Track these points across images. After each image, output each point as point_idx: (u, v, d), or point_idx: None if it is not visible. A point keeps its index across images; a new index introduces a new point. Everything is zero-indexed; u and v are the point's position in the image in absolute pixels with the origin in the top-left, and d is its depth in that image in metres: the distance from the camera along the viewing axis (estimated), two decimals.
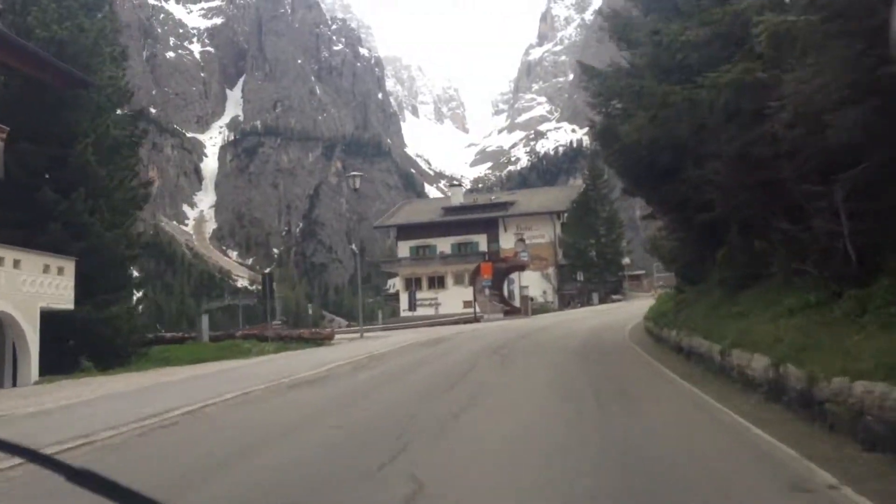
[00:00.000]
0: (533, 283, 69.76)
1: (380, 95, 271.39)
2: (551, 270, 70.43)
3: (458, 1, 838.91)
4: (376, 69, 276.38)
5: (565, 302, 68.71)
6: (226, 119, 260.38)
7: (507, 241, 73.24)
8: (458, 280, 69.41)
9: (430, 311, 69.51)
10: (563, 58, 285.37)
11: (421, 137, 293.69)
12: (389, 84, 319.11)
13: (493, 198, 73.26)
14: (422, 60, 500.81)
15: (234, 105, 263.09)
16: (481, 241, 71.26)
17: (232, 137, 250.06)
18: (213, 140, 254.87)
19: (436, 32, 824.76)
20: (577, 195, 71.16)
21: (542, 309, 67.53)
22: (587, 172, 73.47)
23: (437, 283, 70.83)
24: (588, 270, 67.07)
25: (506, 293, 59.50)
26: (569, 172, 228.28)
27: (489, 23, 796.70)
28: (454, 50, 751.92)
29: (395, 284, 74.96)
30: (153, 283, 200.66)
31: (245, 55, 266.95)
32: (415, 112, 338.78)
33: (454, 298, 70.92)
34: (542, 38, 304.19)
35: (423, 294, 72.06)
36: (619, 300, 64.55)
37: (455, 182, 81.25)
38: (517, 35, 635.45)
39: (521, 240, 55.27)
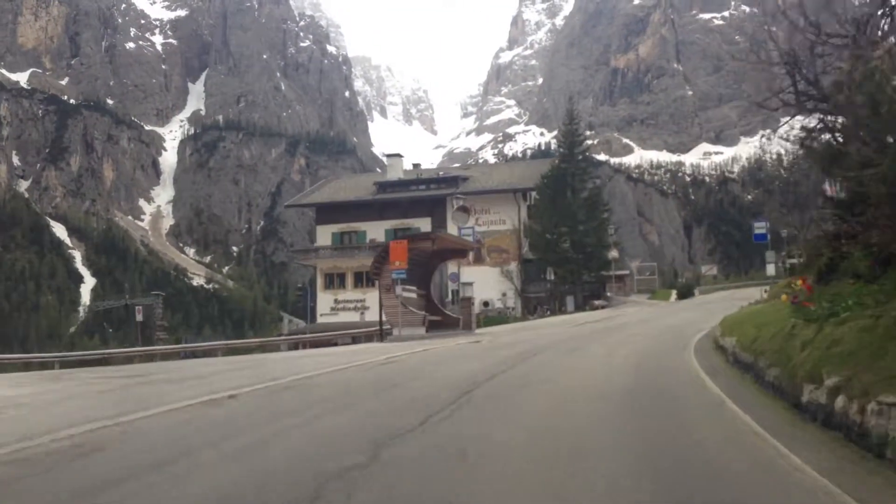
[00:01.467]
0: (489, 281, 54.58)
1: (347, 94, 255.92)
2: (514, 267, 55.14)
3: (429, 3, 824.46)
4: (344, 67, 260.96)
5: (531, 308, 54.20)
6: (187, 113, 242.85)
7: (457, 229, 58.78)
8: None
9: (354, 317, 54.59)
10: (533, 62, 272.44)
11: (389, 138, 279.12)
12: (358, 84, 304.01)
13: (440, 172, 58.83)
14: (391, 61, 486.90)
15: (195, 99, 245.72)
16: (424, 226, 56.02)
17: (192, 131, 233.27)
18: (172, 134, 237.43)
19: (406, 34, 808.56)
20: (548, 169, 56.54)
21: (498, 319, 52.64)
22: (561, 138, 58.44)
23: (366, 280, 56.19)
24: (562, 267, 52.46)
25: (439, 293, 44.69)
26: None
27: (460, 25, 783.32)
28: (424, 52, 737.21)
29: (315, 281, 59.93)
30: (103, 281, 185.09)
31: (209, 48, 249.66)
32: (383, 113, 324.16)
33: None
34: (512, 42, 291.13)
35: (347, 294, 56.44)
36: (601, 307, 50.03)
37: (395, 153, 65.33)
38: (487, 38, 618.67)
39: (464, 209, 39.15)
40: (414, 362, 15.05)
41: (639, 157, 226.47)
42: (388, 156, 66.79)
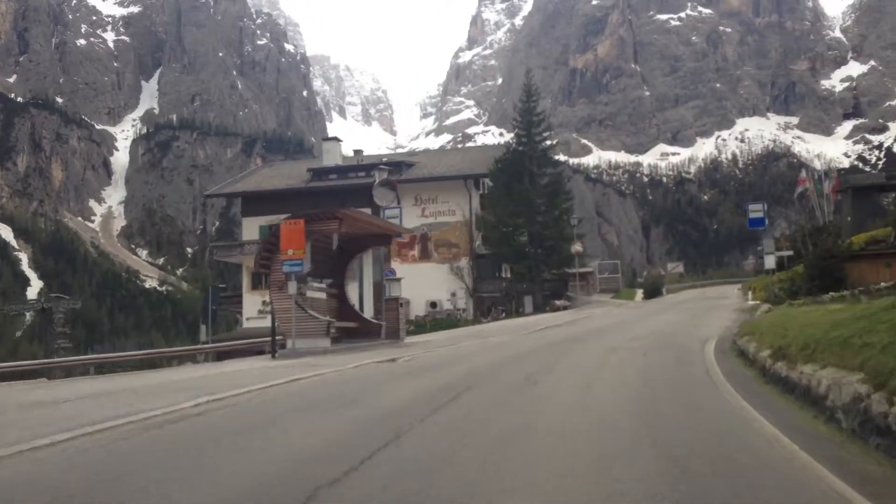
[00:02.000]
0: (437, 280, 47.69)
1: (305, 93, 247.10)
2: (465, 263, 48.68)
3: (389, 3, 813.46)
4: (302, 66, 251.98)
5: (484, 310, 47.50)
6: (140, 111, 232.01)
7: (403, 220, 51.58)
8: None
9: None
10: (493, 62, 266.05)
11: (348, 138, 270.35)
12: (317, 84, 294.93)
13: (384, 159, 51.85)
14: (350, 61, 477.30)
15: (149, 97, 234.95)
16: None
17: (145, 130, 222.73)
18: (124, 133, 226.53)
19: (365, 33, 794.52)
20: (503, 153, 49.17)
21: (447, 322, 45.73)
22: (517, 117, 51.55)
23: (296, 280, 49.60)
24: (519, 263, 45.82)
25: (379, 294, 37.71)
26: None
27: (419, 25, 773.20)
28: (383, 51, 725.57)
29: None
30: (50, 283, 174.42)
31: (163, 46, 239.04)
32: (342, 113, 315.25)
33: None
34: (471, 42, 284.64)
35: None
36: (563, 307, 43.42)
37: (332, 137, 57.90)
38: (447, 38, 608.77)
39: (389, 185, 30.88)
40: (219, 421, 7.90)
41: (597, 157, 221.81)
42: (325, 140, 59.57)
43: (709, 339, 17.28)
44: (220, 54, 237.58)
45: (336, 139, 57.42)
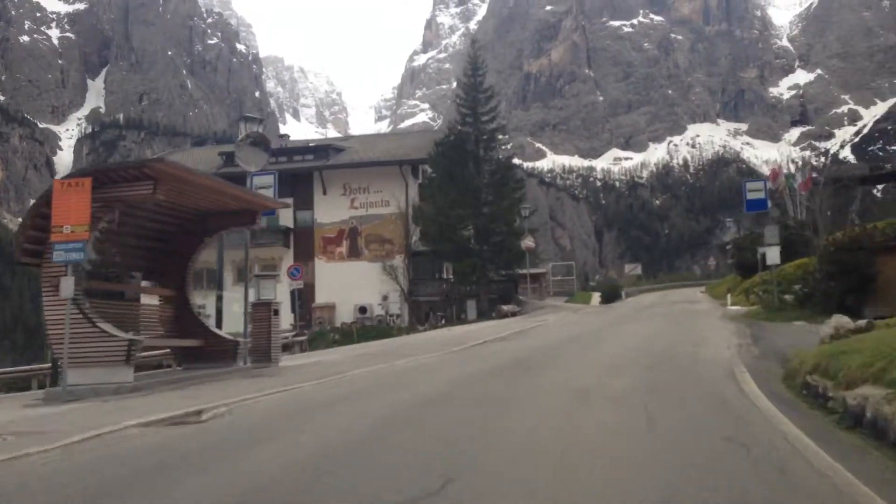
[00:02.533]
0: (367, 281, 40.26)
1: (257, 94, 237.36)
2: (400, 261, 40.65)
3: (344, 5, 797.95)
4: (254, 66, 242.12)
5: (421, 316, 40.14)
6: (85, 110, 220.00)
7: (328, 209, 43.82)
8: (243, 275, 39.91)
9: None
10: (448, 65, 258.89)
11: (302, 141, 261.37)
12: (270, 85, 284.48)
13: (310, 144, 44.28)
14: (304, 62, 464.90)
15: (95, 96, 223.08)
16: (284, 209, 42.32)
17: (90, 130, 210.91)
18: (69, 132, 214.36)
19: (320, 35, 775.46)
20: (444, 136, 41.55)
21: (377, 330, 38.30)
22: (461, 94, 43.84)
23: (208, 279, 41.70)
24: (462, 262, 38.56)
25: (292, 301, 30.06)
26: None
27: (374, 28, 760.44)
28: (338, 54, 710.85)
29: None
30: None
31: (109, 44, 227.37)
32: (296, 115, 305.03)
33: (234, 305, 41.23)
34: (426, 45, 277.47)
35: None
36: (511, 314, 36.16)
37: (252, 115, 49.72)
38: (402, 41, 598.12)
39: (258, 139, 22.99)
40: None
41: (551, 161, 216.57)
42: (244, 119, 51.76)
43: (733, 369, 10.32)
44: (170, 53, 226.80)
45: (257, 118, 49.60)
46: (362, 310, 40.41)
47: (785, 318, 20.03)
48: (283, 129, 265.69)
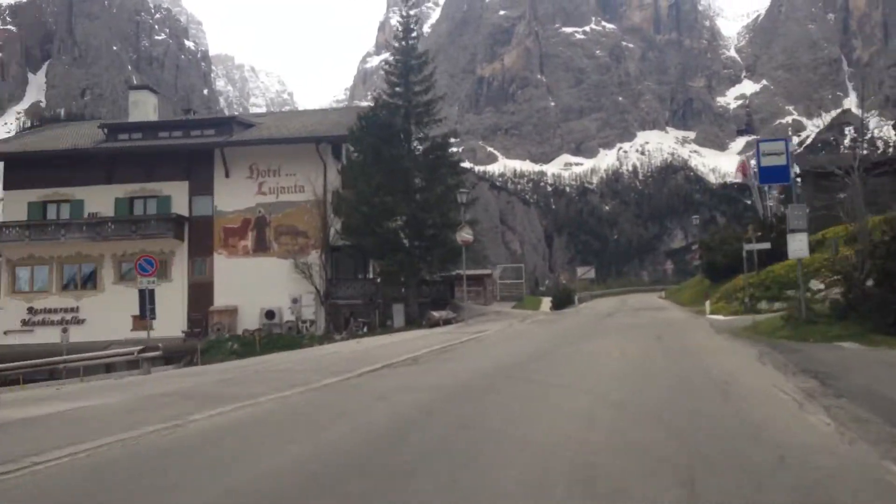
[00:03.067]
0: (277, 281, 32.56)
1: (205, 91, 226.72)
2: (316, 257, 33.09)
3: (297, 5, 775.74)
4: (203, 64, 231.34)
5: (340, 322, 32.85)
6: (25, 104, 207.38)
7: (231, 195, 35.55)
8: (128, 272, 32.03)
9: (52, 338, 31.29)
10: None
11: None
12: (220, 83, 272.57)
13: (211, 116, 36.85)
14: (255, 61, 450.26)
15: (35, 90, 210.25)
16: (178, 193, 34.24)
17: (30, 124, 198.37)
18: (7, 126, 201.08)
19: (271, 34, 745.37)
20: (369, 109, 33.84)
21: (284, 340, 29.32)
22: (391, 61, 36.61)
23: (81, 279, 33.90)
24: (389, 258, 31.62)
25: (144, 303, 22.08)
26: None
27: (327, 29, 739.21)
28: (290, 54, 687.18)
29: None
30: None
31: (52, 37, 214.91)
32: (246, 114, 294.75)
33: (115, 308, 33.11)
34: (379, 47, 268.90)
35: (50, 301, 33.06)
36: (444, 321, 28.95)
37: (142, 85, 41.61)
38: (355, 43, 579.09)
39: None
40: None
41: (503, 165, 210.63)
42: (133, 88, 43.66)
43: None
44: (115, 48, 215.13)
45: (149, 88, 41.76)
46: (270, 315, 32.94)
47: (822, 336, 13.31)
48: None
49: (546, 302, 48.85)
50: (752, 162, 48.32)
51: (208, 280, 33.57)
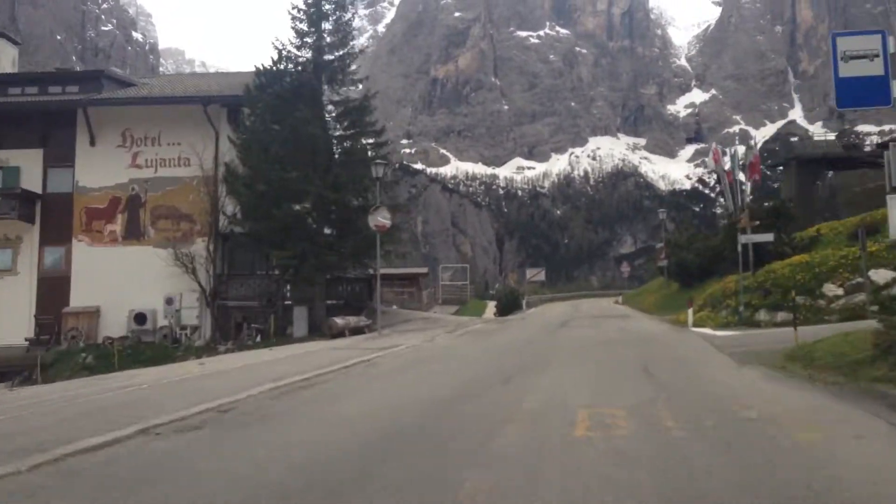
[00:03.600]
0: (153, 275, 24.33)
1: None
2: (202, 247, 26.06)
3: (249, 2, 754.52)
4: (151, 57, 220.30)
5: (231, 329, 25.68)
6: None
7: (97, 168, 27.51)
8: None
9: None
10: (354, 67, 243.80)
11: None
12: None
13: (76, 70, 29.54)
14: (206, 56, 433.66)
15: None
16: (29, 163, 26.44)
17: None
18: None
19: (223, 29, 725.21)
20: (271, 64, 25.47)
21: (152, 351, 22.67)
22: (298, 4, 29.10)
23: None
24: (289, 248, 24.74)
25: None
26: None
27: (282, 27, 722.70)
28: (242, 50, 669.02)
29: None
30: None
31: None
32: None
33: None
34: None
35: None
36: (357, 329, 21.47)
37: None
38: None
39: None
40: None
41: (455, 167, 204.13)
42: None
43: None
44: (59, 38, 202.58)
45: (7, 37, 33.96)
46: (140, 318, 25.59)
47: None
48: None
49: (491, 306, 42.41)
50: (723, 150, 42.56)
51: (64, 274, 26.14)
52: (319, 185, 23.78)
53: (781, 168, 34.37)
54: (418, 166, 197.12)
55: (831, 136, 46.34)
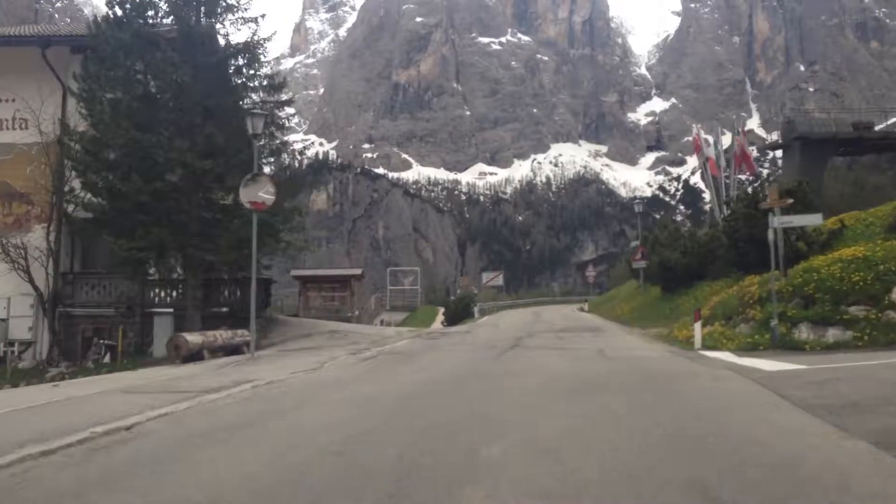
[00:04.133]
0: None
1: None
2: (42, 236, 18.32)
3: None
4: None
5: (77, 345, 18.90)
6: None
7: None
8: None
9: None
10: (315, 71, 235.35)
11: None
12: None
13: None
14: None
15: None
16: None
17: None
18: None
19: None
20: None
21: None
22: None
23: None
24: (145, 237, 18.51)
25: None
26: (312, 185, 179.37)
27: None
28: None
29: None
30: None
31: None
32: None
33: None
34: (294, 50, 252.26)
35: None
36: (234, 347, 15.20)
37: None
38: (269, 43, 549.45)
39: None
40: None
41: (417, 172, 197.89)
42: None
43: None
44: None
45: None
46: None
47: None
48: None
49: (440, 314, 35.84)
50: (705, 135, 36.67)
51: None
52: (187, 153, 17.00)
53: (781, 153, 28.98)
54: (380, 171, 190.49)
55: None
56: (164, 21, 18.11)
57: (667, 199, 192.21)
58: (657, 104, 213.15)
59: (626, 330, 19.37)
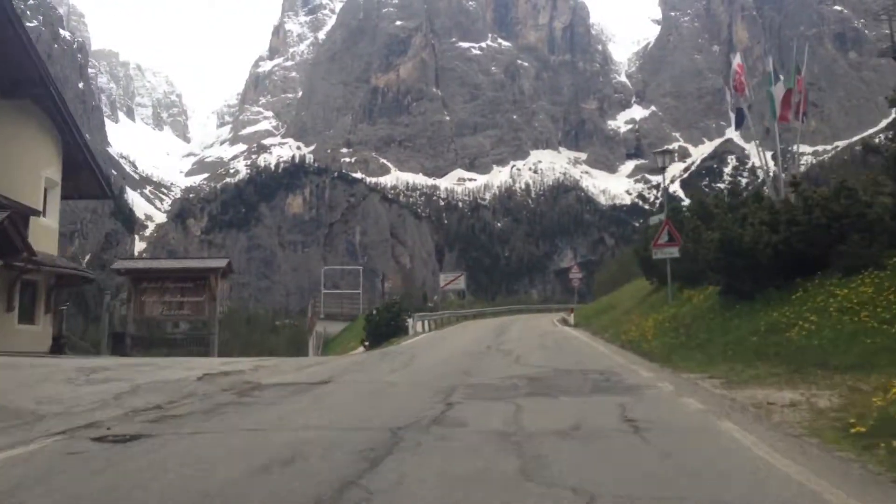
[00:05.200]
0: None
1: (80, 85, 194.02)
2: None
3: (187, 4, 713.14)
4: (79, 55, 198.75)
5: None
6: None
7: None
8: None
9: None
10: (294, 74, 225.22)
11: (133, 140, 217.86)
12: (102, 80, 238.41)
13: None
14: (142, 60, 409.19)
15: None
16: None
17: None
18: None
19: (160, 33, 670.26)
20: None
21: None
22: None
23: None
24: None
25: None
26: (289, 188, 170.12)
27: (219, 30, 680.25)
28: (179, 54, 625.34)
29: None
30: None
31: None
32: (130, 114, 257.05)
33: None
34: (273, 52, 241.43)
35: None
36: None
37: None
38: (247, 46, 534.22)
39: None
40: None
41: (395, 177, 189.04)
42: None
43: None
44: None
45: None
46: None
47: None
48: (114, 127, 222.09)
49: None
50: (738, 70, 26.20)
51: None
52: None
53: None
54: (358, 175, 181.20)
55: None
56: None
57: (646, 206, 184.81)
58: (637, 112, 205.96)
59: (622, 355, 10.12)
